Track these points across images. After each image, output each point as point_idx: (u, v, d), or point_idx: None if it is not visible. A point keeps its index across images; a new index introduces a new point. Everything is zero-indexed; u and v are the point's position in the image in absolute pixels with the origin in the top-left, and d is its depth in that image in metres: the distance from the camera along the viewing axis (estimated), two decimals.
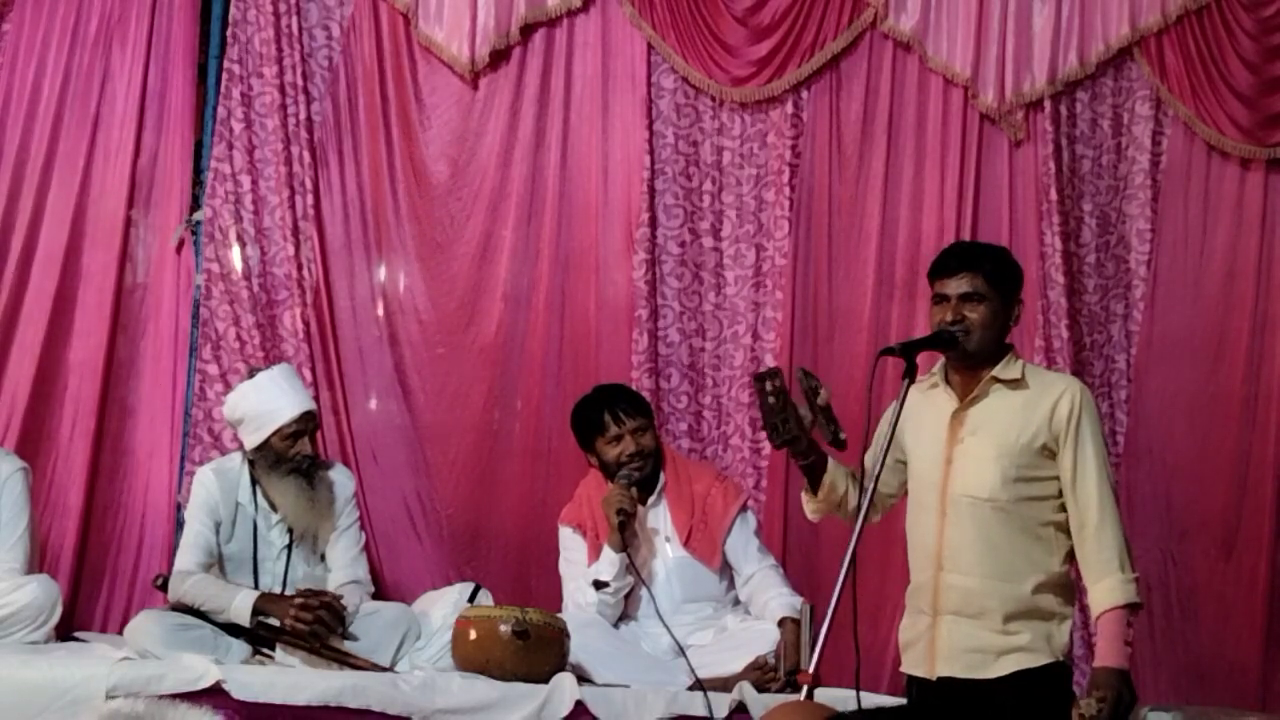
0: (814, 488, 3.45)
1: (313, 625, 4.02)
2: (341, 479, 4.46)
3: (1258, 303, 5.06)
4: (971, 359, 3.35)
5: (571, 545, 4.43)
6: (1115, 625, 3.23)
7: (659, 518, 4.40)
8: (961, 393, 3.38)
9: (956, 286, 3.34)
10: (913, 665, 3.38)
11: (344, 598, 4.14)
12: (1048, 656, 3.29)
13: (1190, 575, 4.99)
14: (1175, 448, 5.04)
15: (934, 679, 3.31)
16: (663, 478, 4.41)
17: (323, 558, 4.39)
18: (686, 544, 4.35)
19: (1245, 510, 4.99)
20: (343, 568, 4.35)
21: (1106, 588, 3.24)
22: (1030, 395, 3.34)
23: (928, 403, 3.42)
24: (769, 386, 3.30)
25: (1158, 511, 5.01)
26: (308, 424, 4.31)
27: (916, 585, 3.39)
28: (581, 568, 4.35)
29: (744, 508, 4.44)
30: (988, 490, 3.29)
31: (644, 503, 4.35)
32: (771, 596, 4.29)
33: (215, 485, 4.30)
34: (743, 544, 4.39)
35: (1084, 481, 3.27)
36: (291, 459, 4.27)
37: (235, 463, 4.37)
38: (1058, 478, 3.31)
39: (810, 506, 3.52)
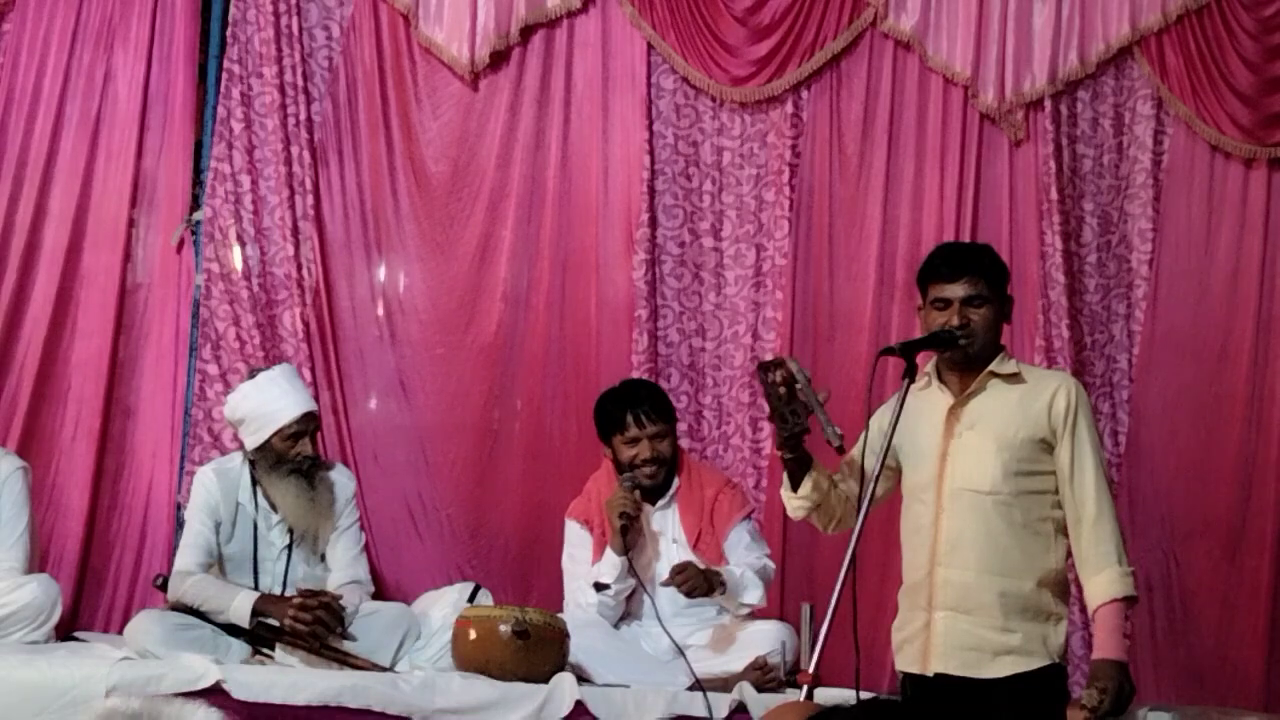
0: (794, 484, 3.43)
1: (312, 625, 4.02)
2: (342, 479, 4.45)
3: (1261, 302, 5.04)
4: (973, 360, 3.35)
5: (577, 541, 4.41)
6: (1114, 618, 3.24)
7: (668, 520, 4.38)
8: (957, 389, 3.39)
9: (959, 291, 3.34)
10: (908, 663, 3.37)
11: (344, 598, 4.14)
12: (1044, 659, 3.28)
13: (1193, 576, 4.97)
14: (1178, 448, 5.02)
15: (930, 675, 3.31)
16: (676, 481, 4.40)
17: (323, 558, 4.39)
18: (695, 548, 4.34)
19: (1249, 511, 4.96)
20: (343, 568, 4.35)
21: (1104, 580, 3.24)
22: (1027, 390, 3.35)
23: (921, 401, 3.42)
24: (777, 377, 3.25)
25: (1160, 512, 4.99)
26: (309, 424, 4.30)
27: (911, 583, 3.38)
28: (585, 566, 4.34)
29: (746, 517, 4.43)
30: (989, 483, 3.29)
31: (653, 504, 4.35)
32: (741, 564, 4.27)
33: (215, 485, 4.30)
34: (735, 542, 4.36)
35: (1081, 476, 3.28)
36: (292, 459, 4.27)
37: (236, 463, 4.37)
38: (1055, 472, 3.32)
39: (793, 504, 3.48)
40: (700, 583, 4.08)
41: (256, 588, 4.22)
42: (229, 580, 4.25)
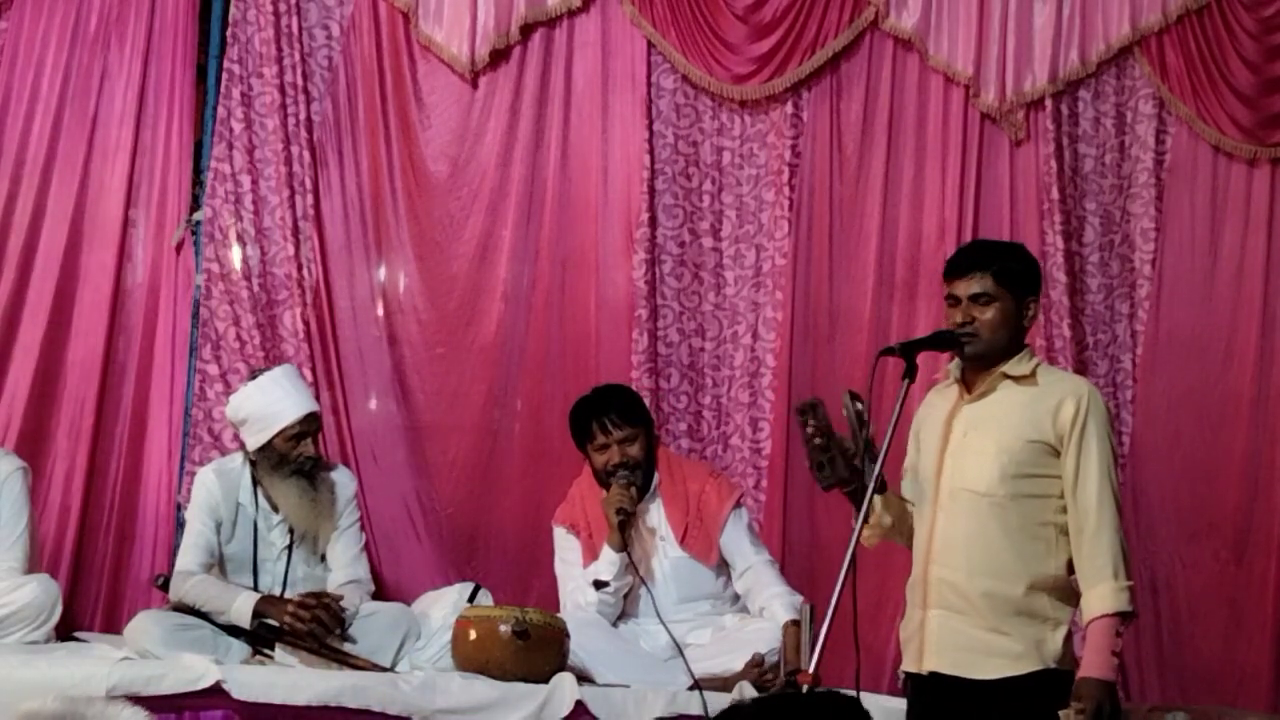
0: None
1: (310, 625, 4.02)
2: (343, 480, 4.45)
3: (1266, 302, 5.03)
4: (979, 360, 3.33)
5: (566, 546, 4.42)
6: (1103, 635, 3.17)
7: (655, 516, 4.39)
8: (970, 388, 3.37)
9: (966, 288, 3.31)
10: (909, 662, 3.36)
11: (344, 598, 4.14)
12: (1036, 664, 3.23)
13: (1200, 578, 4.95)
14: (1183, 449, 5.00)
15: (925, 673, 3.29)
16: (656, 476, 4.41)
17: (323, 558, 4.39)
18: (683, 542, 4.35)
19: (1255, 512, 4.95)
20: (343, 567, 4.35)
21: (1098, 595, 3.19)
22: (1038, 393, 3.31)
23: (940, 399, 3.42)
24: (810, 425, 3.19)
25: (1165, 514, 4.98)
26: (311, 425, 4.30)
27: (912, 581, 3.36)
28: (577, 568, 4.35)
29: (738, 504, 4.43)
30: (985, 485, 3.26)
31: (640, 501, 4.35)
32: (772, 596, 4.28)
33: (216, 486, 4.31)
34: (736, 538, 4.38)
35: (1084, 485, 3.23)
36: (294, 460, 4.27)
37: (236, 463, 4.37)
38: (1060, 477, 3.28)
39: (864, 533, 3.43)
40: (795, 656, 4.05)
41: (256, 588, 4.23)
42: (230, 581, 4.25)
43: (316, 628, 4.02)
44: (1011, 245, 3.61)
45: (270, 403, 4.27)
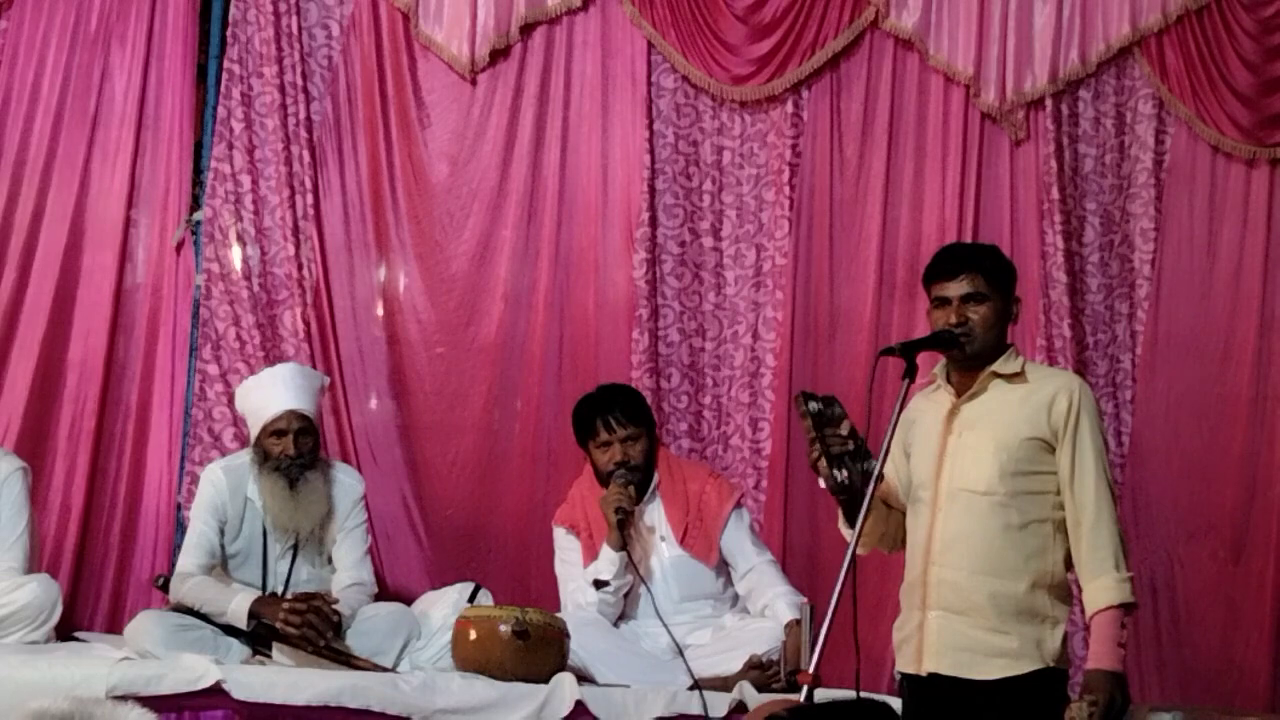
0: (850, 520, 3.39)
1: (301, 629, 4.02)
2: (350, 481, 4.44)
3: (1265, 302, 5.04)
4: (974, 359, 3.33)
5: (566, 546, 4.43)
6: (1109, 626, 3.18)
7: (654, 516, 4.40)
8: (961, 389, 3.37)
9: (957, 289, 3.31)
10: (905, 664, 3.36)
11: (338, 602, 4.14)
12: (1037, 663, 3.23)
13: (1198, 578, 4.96)
14: (1181, 448, 5.01)
15: (923, 675, 3.29)
16: (656, 476, 4.41)
17: (329, 559, 4.39)
18: (683, 542, 4.36)
19: (1253, 512, 4.96)
20: (347, 569, 4.35)
21: (1100, 587, 3.20)
22: (1029, 390, 3.32)
23: (929, 402, 3.41)
24: (838, 415, 3.13)
25: (1163, 513, 4.99)
26: (292, 423, 4.28)
27: (909, 582, 3.36)
28: (578, 569, 4.36)
29: (738, 505, 4.44)
30: (985, 483, 3.26)
31: (639, 501, 4.35)
32: (776, 595, 4.28)
33: (224, 483, 4.31)
34: (738, 539, 4.39)
35: (1081, 479, 3.24)
36: (275, 457, 4.27)
37: (244, 459, 4.38)
38: (1056, 473, 3.30)
39: (853, 539, 3.44)
40: (796, 656, 4.05)
41: (264, 586, 4.23)
42: (235, 579, 4.26)
43: (308, 630, 4.02)
44: (990, 246, 3.63)
45: (261, 396, 4.31)
